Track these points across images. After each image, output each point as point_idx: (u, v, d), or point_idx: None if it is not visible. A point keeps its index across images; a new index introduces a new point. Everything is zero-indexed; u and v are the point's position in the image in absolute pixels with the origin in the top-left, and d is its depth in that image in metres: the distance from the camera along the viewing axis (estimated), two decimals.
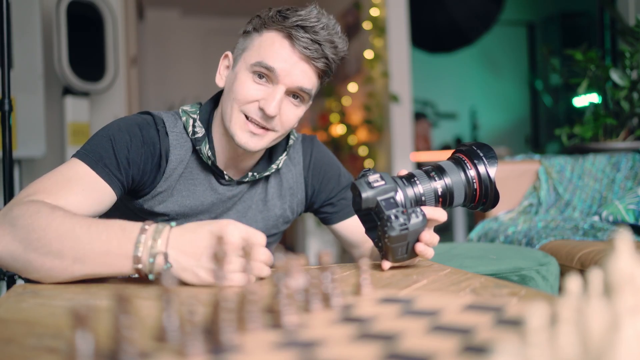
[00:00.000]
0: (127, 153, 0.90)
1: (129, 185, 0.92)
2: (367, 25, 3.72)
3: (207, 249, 0.67)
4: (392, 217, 0.73)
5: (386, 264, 0.79)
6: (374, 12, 3.65)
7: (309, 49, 0.91)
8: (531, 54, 6.36)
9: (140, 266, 0.68)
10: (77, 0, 2.80)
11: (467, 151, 0.83)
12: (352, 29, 4.10)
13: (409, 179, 0.80)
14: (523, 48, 6.37)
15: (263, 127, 0.94)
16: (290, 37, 0.91)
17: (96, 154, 0.88)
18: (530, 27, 6.32)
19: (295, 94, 0.94)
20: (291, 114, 0.95)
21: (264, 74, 0.92)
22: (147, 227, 0.69)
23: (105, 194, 0.87)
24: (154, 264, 0.67)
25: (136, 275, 0.70)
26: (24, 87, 2.56)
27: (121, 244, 0.68)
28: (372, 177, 0.77)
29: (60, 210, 0.74)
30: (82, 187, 0.84)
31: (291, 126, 0.97)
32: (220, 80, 1.00)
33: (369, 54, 3.68)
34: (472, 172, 0.82)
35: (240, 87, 0.93)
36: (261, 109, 0.92)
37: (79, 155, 0.88)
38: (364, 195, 0.75)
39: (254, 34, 0.95)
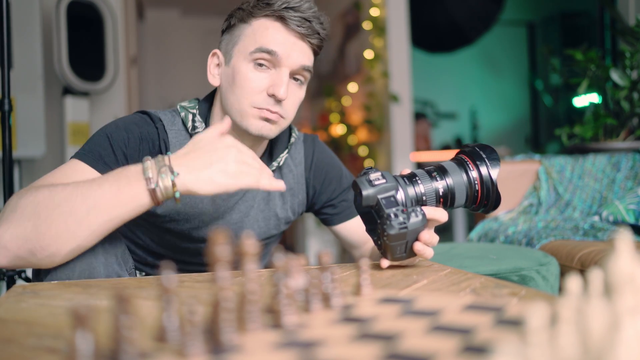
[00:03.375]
0: (125, 149, 0.90)
1: None
2: (367, 25, 3.72)
3: (213, 154, 0.73)
4: (392, 215, 0.73)
5: (385, 262, 0.79)
6: (374, 12, 3.65)
7: (303, 27, 0.91)
8: (531, 54, 6.36)
9: (153, 185, 0.71)
10: (77, 0, 2.80)
11: (470, 152, 0.83)
12: (352, 29, 4.10)
13: (411, 178, 0.80)
14: (523, 48, 6.37)
15: (275, 112, 0.94)
16: (281, 18, 0.91)
17: (95, 152, 0.88)
18: (530, 27, 6.32)
19: (295, 75, 0.95)
20: (295, 96, 0.96)
21: (265, 59, 0.92)
22: (146, 160, 0.74)
23: None
24: (166, 179, 0.71)
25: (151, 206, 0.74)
26: (24, 87, 2.56)
27: (129, 178, 0.72)
28: (373, 175, 0.77)
29: (60, 183, 0.76)
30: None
31: (295, 109, 0.98)
32: (213, 79, 0.99)
33: (369, 54, 3.68)
34: (474, 174, 0.82)
35: (245, 80, 0.92)
36: (271, 95, 0.92)
37: (78, 155, 0.88)
38: (364, 192, 0.75)
39: (242, 25, 0.94)
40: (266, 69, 0.92)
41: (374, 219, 0.79)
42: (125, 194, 0.72)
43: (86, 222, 0.71)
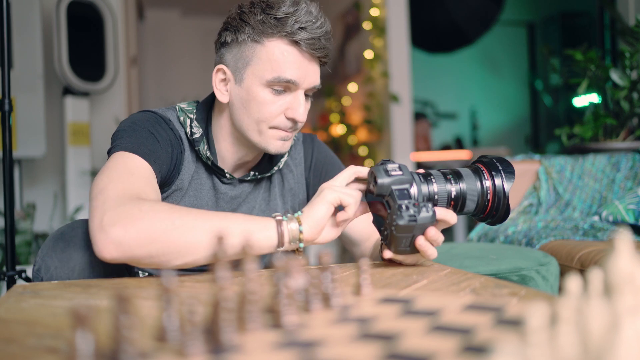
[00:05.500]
0: (166, 147, 0.91)
1: (161, 180, 0.92)
2: (367, 25, 3.72)
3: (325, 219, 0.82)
4: (403, 206, 0.74)
5: (388, 253, 0.80)
6: (374, 12, 3.65)
7: (314, 48, 0.91)
8: (531, 54, 6.36)
9: (280, 217, 0.80)
10: (77, 0, 2.80)
11: (487, 163, 0.85)
12: (352, 29, 4.10)
13: (426, 176, 0.82)
14: (523, 48, 6.37)
15: (291, 132, 0.96)
16: (295, 42, 0.90)
17: (145, 146, 0.87)
18: (530, 27, 6.32)
19: (306, 93, 0.96)
20: (305, 111, 0.97)
21: (282, 86, 0.92)
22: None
23: (158, 185, 0.88)
24: (292, 220, 0.80)
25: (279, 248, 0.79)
26: (24, 87, 2.57)
27: (259, 218, 0.80)
28: (391, 166, 0.78)
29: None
30: (150, 181, 0.84)
31: None
32: (222, 96, 0.97)
33: (369, 54, 3.68)
34: (488, 183, 0.83)
35: (263, 107, 0.92)
36: (290, 118, 0.93)
37: (127, 148, 0.86)
38: (379, 181, 0.76)
39: (253, 45, 0.92)
40: (282, 92, 0.93)
41: (382, 208, 0.80)
42: (255, 222, 0.78)
43: (212, 242, 0.73)
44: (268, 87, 0.91)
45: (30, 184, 3.02)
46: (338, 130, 4.14)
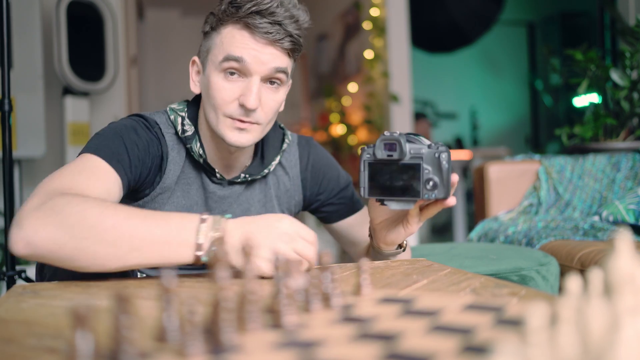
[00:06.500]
0: (137, 151, 0.89)
1: (133, 185, 0.91)
2: (367, 25, 3.72)
3: (265, 239, 0.72)
4: (433, 145, 0.79)
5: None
6: (374, 12, 3.65)
7: (271, 33, 0.88)
8: (531, 54, 6.36)
9: (201, 253, 0.70)
10: (77, 0, 2.80)
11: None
12: (352, 29, 4.10)
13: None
14: (523, 48, 6.37)
15: (248, 122, 0.92)
16: (247, 26, 0.88)
17: (108, 149, 0.86)
18: (530, 27, 6.32)
19: (271, 79, 0.92)
20: (271, 100, 0.93)
21: (235, 68, 0.90)
22: (205, 217, 0.72)
23: (116, 188, 0.85)
24: (215, 252, 0.68)
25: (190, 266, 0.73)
26: (24, 87, 2.57)
27: (181, 233, 0.71)
28: (383, 141, 0.82)
29: (109, 202, 0.76)
30: (101, 181, 0.82)
31: (275, 113, 0.95)
32: (194, 87, 0.99)
33: (369, 54, 3.68)
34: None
35: (216, 91, 0.91)
36: (242, 105, 0.90)
37: (90, 150, 0.85)
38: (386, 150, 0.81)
39: (212, 34, 0.94)
40: (237, 78, 0.91)
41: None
42: (172, 247, 0.71)
43: (124, 259, 0.70)
44: (222, 72, 0.91)
45: (30, 184, 3.01)
46: (338, 130, 4.14)
